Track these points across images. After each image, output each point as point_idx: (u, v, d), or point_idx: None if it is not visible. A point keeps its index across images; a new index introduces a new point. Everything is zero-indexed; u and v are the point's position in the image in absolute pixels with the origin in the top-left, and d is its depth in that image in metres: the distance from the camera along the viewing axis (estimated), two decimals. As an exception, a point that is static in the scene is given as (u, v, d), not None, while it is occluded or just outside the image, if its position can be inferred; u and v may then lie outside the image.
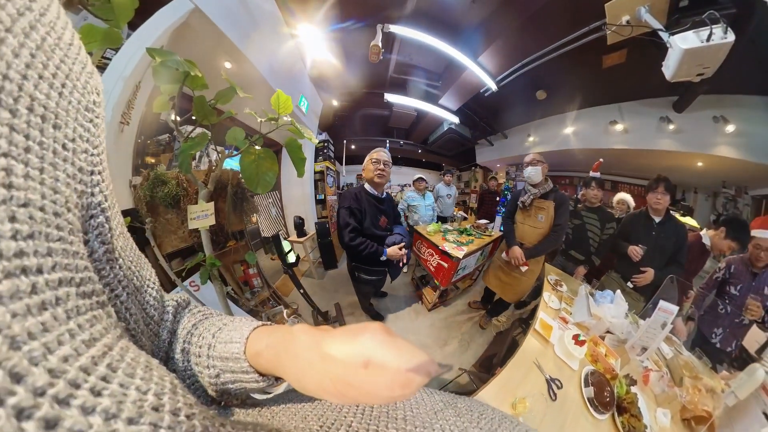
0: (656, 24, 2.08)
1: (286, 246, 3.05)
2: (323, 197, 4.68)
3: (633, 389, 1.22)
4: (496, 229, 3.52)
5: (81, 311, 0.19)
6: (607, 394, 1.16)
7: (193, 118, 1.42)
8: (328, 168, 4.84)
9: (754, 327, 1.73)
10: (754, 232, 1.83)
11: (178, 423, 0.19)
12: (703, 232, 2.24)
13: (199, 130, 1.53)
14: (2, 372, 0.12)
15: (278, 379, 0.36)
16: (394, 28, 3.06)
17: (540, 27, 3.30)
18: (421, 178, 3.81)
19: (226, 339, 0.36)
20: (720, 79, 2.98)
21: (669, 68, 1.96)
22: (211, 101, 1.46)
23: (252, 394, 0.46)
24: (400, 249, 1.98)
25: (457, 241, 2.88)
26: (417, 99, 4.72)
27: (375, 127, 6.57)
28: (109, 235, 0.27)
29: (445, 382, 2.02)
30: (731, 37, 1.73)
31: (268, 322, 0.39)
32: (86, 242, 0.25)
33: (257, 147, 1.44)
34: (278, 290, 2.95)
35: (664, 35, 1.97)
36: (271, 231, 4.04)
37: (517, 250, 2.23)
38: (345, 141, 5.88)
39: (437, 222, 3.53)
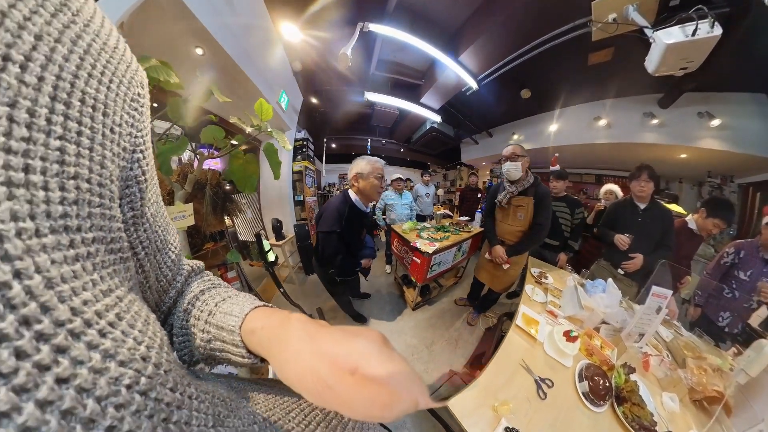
0: (643, 22, 2.07)
1: (266, 245, 3.04)
2: (302, 198, 4.53)
3: (633, 377, 1.16)
4: (476, 225, 3.48)
5: (105, 265, 0.23)
6: (603, 386, 1.09)
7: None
8: (306, 168, 4.69)
9: (762, 308, 1.76)
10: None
11: (156, 374, 0.22)
12: (688, 218, 2.22)
13: (175, 130, 1.48)
14: (35, 303, 0.15)
15: (263, 361, 0.36)
16: (373, 27, 2.97)
17: (523, 24, 3.24)
18: (399, 178, 3.76)
19: (226, 310, 0.38)
20: (707, 77, 3.01)
21: (652, 62, 1.95)
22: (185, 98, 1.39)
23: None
24: (369, 261, 2.19)
25: (431, 237, 2.84)
26: (398, 98, 4.63)
27: (357, 125, 6.46)
28: (139, 203, 0.31)
29: (435, 387, 1.89)
30: (718, 30, 1.71)
31: (270, 304, 0.40)
32: (120, 206, 0.28)
33: (243, 149, 1.49)
34: (260, 295, 2.78)
35: (648, 32, 1.95)
36: (249, 234, 3.90)
37: (498, 249, 2.20)
38: (326, 139, 5.74)
39: (414, 220, 3.49)
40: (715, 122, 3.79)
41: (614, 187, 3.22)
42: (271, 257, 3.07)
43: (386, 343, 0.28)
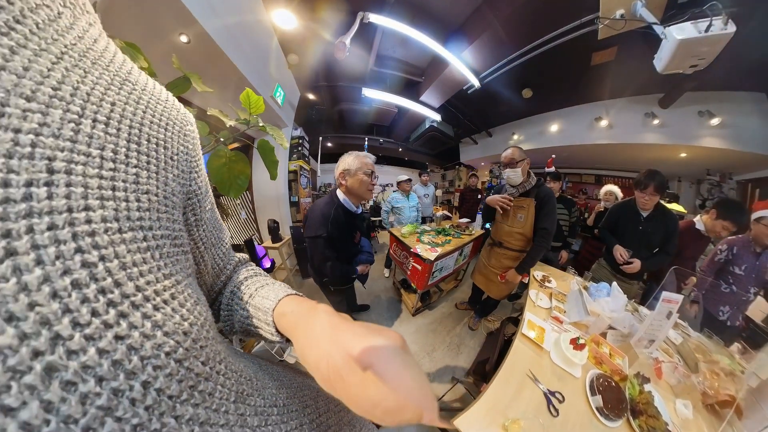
0: (651, 18, 2.01)
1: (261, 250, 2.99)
2: (297, 199, 4.43)
3: (647, 387, 1.11)
4: (477, 227, 3.42)
5: (170, 255, 0.28)
6: (618, 400, 1.04)
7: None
8: (301, 167, 4.58)
9: (759, 299, 1.87)
10: (760, 213, 1.83)
11: (193, 347, 0.26)
12: (696, 219, 2.18)
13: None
14: (111, 279, 0.20)
15: (288, 341, 0.41)
16: (374, 18, 2.88)
17: (528, 21, 3.18)
18: (408, 179, 3.65)
19: (264, 295, 0.45)
20: (708, 77, 2.94)
21: (661, 60, 1.89)
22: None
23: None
24: (366, 267, 2.01)
25: (432, 242, 2.72)
26: (397, 95, 4.52)
27: (354, 123, 6.37)
28: (199, 210, 0.40)
29: (438, 397, 1.82)
30: (732, 28, 1.66)
31: (301, 294, 0.45)
32: (184, 213, 0.37)
33: (226, 147, 1.31)
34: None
35: (658, 28, 1.90)
36: (242, 238, 3.81)
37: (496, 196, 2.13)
38: (321, 137, 5.63)
39: (419, 222, 3.41)
40: (715, 121, 3.80)
41: (614, 188, 3.19)
42: (266, 264, 2.99)
43: (405, 347, 0.29)
